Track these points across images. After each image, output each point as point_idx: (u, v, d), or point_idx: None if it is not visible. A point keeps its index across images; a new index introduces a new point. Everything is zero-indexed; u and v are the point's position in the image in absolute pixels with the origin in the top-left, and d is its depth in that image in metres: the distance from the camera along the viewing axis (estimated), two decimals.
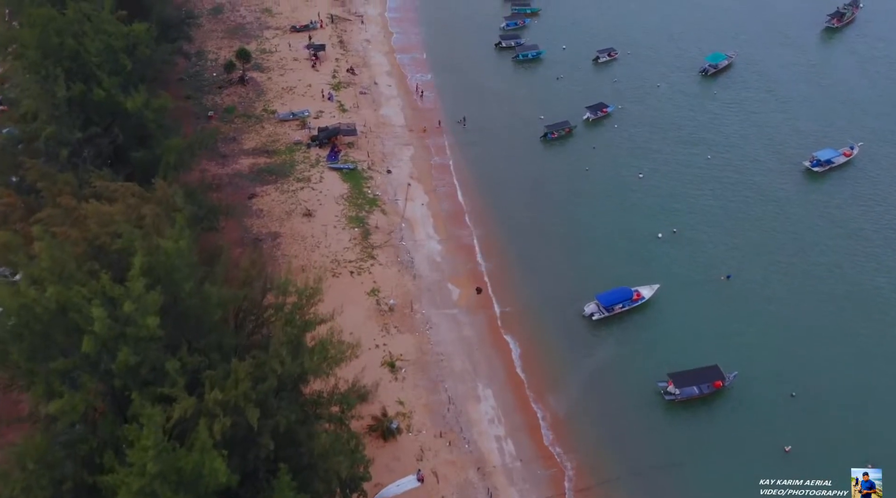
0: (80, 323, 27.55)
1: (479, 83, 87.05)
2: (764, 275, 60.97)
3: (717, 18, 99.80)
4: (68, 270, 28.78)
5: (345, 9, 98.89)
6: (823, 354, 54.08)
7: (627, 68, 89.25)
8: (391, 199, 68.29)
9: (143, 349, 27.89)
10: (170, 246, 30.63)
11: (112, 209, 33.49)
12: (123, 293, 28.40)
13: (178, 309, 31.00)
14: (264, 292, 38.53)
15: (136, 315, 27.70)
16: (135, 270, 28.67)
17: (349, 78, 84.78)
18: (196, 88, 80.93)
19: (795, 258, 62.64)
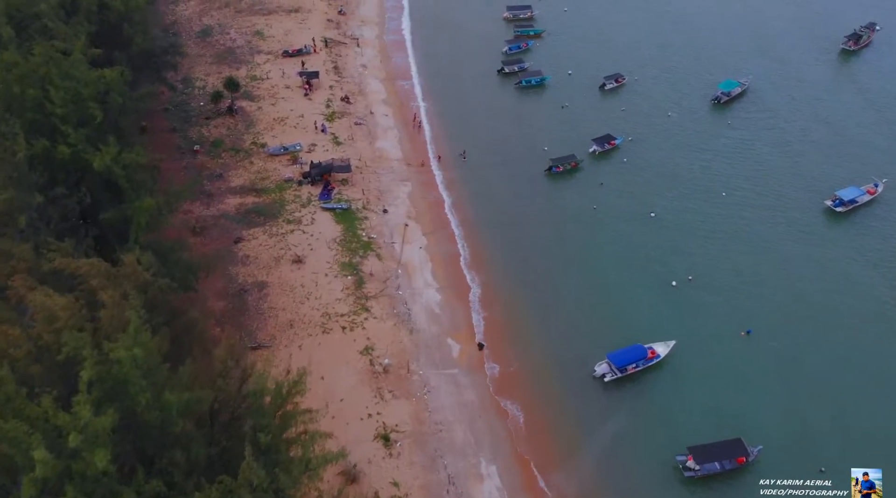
0: (19, 460, 23.48)
1: (481, 112, 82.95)
2: (787, 329, 56.62)
3: (728, 41, 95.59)
4: (4, 390, 24.64)
5: (340, 31, 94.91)
6: (855, 423, 49.84)
7: (636, 96, 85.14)
8: (387, 242, 64.13)
9: (93, 487, 23.79)
10: (124, 356, 26.56)
11: (59, 303, 29.35)
12: (69, 422, 24.29)
13: (135, 422, 26.94)
14: (243, 381, 34.37)
15: (84, 448, 23.63)
16: (82, 392, 24.56)
17: (344, 107, 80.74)
18: (182, 119, 76.86)
19: (821, 309, 58.31)
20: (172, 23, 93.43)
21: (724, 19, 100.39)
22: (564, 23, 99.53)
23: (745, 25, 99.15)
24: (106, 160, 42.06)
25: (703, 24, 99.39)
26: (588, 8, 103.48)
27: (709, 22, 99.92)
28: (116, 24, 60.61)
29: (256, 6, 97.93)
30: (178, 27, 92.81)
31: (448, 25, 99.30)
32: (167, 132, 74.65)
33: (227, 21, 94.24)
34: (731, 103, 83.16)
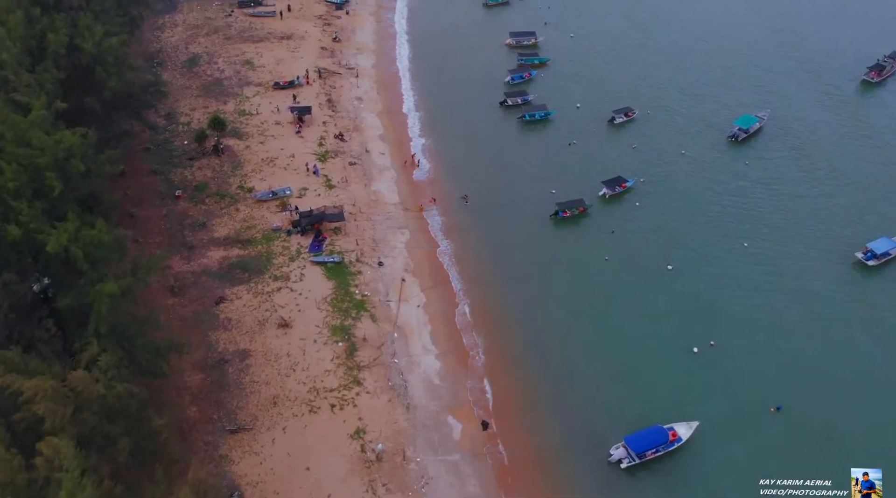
0: None
1: (483, 149, 77.98)
2: (819, 403, 51.56)
3: (745, 72, 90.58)
4: None
5: (334, 60, 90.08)
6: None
7: (647, 131, 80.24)
8: (382, 301, 59.09)
9: None
10: None
11: None
12: None
13: None
14: None
15: None
16: None
17: (337, 145, 75.77)
18: (164, 160, 71.82)
19: (857, 379, 53.27)
20: (157, 51, 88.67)
21: (740, 49, 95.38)
22: (570, 50, 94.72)
23: (762, 55, 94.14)
24: (62, 241, 37.10)
25: (717, 54, 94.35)
26: (595, 34, 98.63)
27: (724, 52, 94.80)
28: (88, 67, 55.72)
29: (246, 33, 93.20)
30: (163, 55, 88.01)
31: (448, 52, 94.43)
32: (147, 175, 69.70)
33: (215, 49, 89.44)
34: (748, 140, 78.23)
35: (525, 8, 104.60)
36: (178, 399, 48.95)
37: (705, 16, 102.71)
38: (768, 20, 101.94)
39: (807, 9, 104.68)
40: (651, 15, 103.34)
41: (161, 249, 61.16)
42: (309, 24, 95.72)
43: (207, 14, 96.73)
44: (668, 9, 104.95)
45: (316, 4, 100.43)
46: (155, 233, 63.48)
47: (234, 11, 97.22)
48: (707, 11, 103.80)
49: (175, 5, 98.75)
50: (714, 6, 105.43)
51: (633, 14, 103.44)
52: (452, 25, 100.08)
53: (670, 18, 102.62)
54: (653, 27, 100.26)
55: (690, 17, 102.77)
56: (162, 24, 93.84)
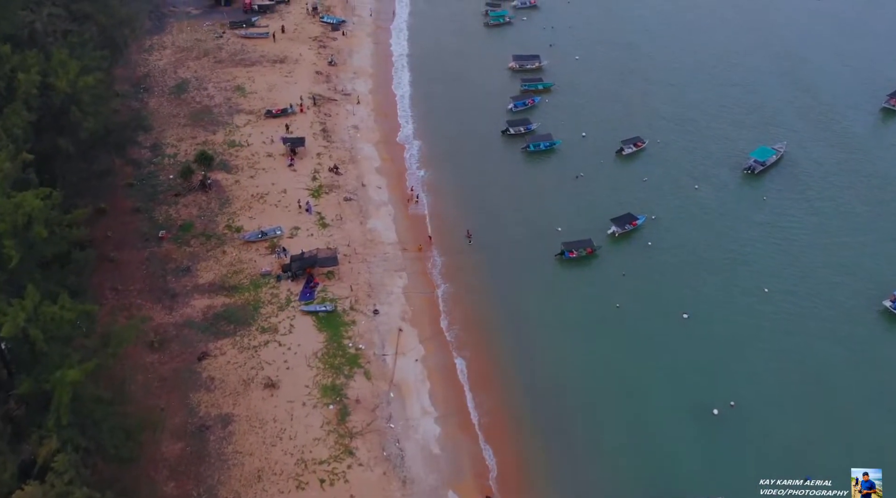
0: None
1: (485, 182, 73.90)
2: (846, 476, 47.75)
3: (759, 100, 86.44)
4: None
5: (330, 86, 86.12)
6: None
7: (658, 163, 76.22)
8: (377, 355, 55.01)
9: None
10: None
11: None
12: None
13: None
14: None
15: None
16: None
17: (332, 179, 71.80)
18: (148, 196, 67.76)
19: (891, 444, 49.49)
20: (144, 76, 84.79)
21: (754, 76, 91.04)
22: (576, 74, 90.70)
23: (778, 83, 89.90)
24: (18, 322, 33.12)
25: (731, 80, 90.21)
26: (602, 56, 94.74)
27: (737, 78, 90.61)
28: (62, 107, 51.87)
29: (238, 56, 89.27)
30: (150, 81, 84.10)
31: (448, 76, 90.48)
32: (130, 213, 65.64)
33: (204, 74, 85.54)
34: (765, 173, 74.25)
35: (528, 28, 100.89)
36: (154, 474, 44.85)
37: (718, 41, 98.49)
38: (782, 46, 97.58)
39: (821, 34, 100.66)
40: (660, 38, 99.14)
41: (142, 298, 57.70)
42: (303, 46, 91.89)
43: (198, 35, 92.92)
44: (678, 32, 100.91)
45: (311, 25, 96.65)
46: (136, 279, 59.52)
47: (225, 32, 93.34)
48: (719, 37, 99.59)
49: (164, 26, 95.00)
50: (726, 32, 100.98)
51: (642, 36, 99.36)
52: (453, 47, 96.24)
53: (681, 41, 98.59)
54: (662, 50, 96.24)
55: (702, 42, 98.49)
56: (150, 46, 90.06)
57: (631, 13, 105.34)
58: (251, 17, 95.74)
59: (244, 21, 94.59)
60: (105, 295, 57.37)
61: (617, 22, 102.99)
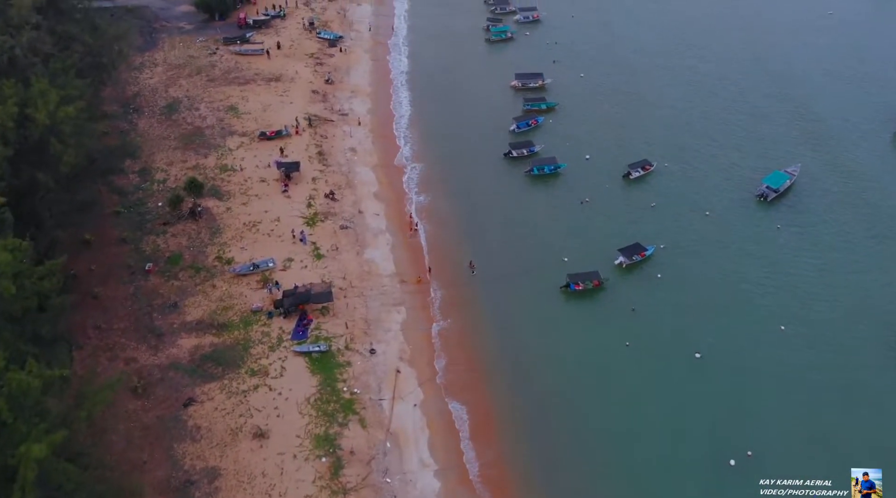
0: None
1: (487, 208, 70.95)
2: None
3: (767, 122, 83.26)
4: None
5: (327, 105, 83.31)
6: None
7: (666, 188, 73.30)
8: (373, 400, 52.02)
9: None
10: None
11: None
12: None
13: None
14: None
15: None
16: None
17: (328, 206, 68.91)
18: (135, 225, 64.83)
19: None
20: (134, 95, 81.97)
21: (762, 96, 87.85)
22: (581, 93, 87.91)
23: (791, 101, 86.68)
24: None
25: (739, 99, 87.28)
26: (608, 73, 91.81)
27: (745, 97, 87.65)
28: (41, 139, 49.09)
29: (232, 74, 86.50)
30: (140, 100, 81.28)
31: (449, 95, 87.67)
32: (115, 244, 62.71)
33: (197, 93, 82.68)
34: (778, 200, 71.27)
35: (531, 43, 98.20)
36: None
37: (723, 61, 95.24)
38: (789, 67, 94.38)
39: (830, 54, 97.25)
40: (666, 56, 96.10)
41: (126, 337, 54.75)
42: (299, 63, 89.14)
43: (190, 51, 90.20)
44: (684, 49, 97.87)
45: (307, 41, 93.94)
46: (120, 316, 56.55)
47: (218, 49, 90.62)
48: (725, 56, 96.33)
49: (156, 42, 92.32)
50: (732, 50, 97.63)
51: (648, 53, 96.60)
52: (454, 64, 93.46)
53: (687, 59, 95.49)
54: (668, 69, 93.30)
55: (708, 61, 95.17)
56: (141, 64, 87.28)
57: (635, 28, 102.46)
58: (246, 32, 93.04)
59: (238, 37, 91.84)
60: (87, 334, 54.52)
61: (621, 38, 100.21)
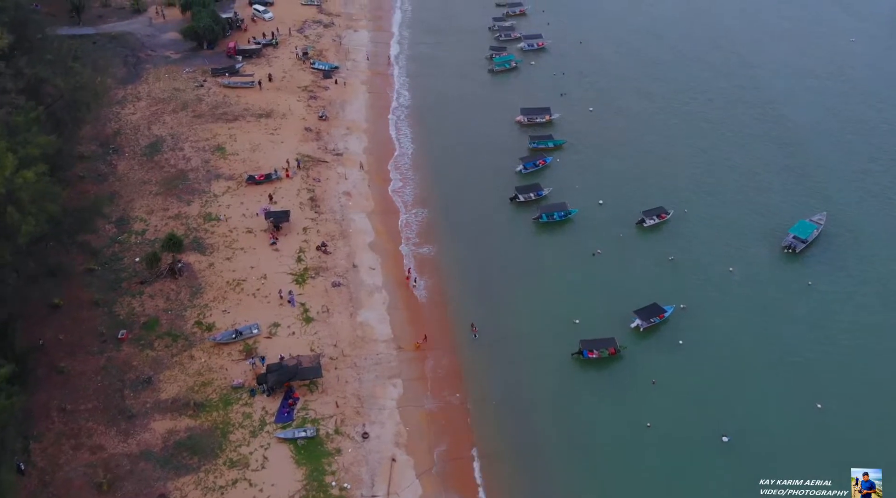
0: None
1: (492, 261, 65.57)
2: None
3: (793, 161, 77.79)
4: None
5: (320, 144, 77.97)
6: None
7: (685, 238, 67.88)
8: (366, 497, 46.87)
9: None
10: None
11: None
12: None
13: None
14: None
15: None
16: None
17: (319, 260, 63.65)
18: (109, 285, 59.57)
19: None
20: (115, 133, 76.88)
21: (787, 130, 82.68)
22: (590, 129, 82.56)
23: (815, 141, 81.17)
24: None
25: (761, 136, 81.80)
26: (619, 107, 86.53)
27: (768, 134, 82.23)
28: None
29: (220, 109, 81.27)
30: (121, 139, 76.16)
31: (450, 132, 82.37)
32: (87, 307, 57.46)
33: (181, 130, 77.46)
34: (806, 251, 66.05)
35: (536, 74, 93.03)
36: None
37: (742, 91, 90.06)
38: (812, 96, 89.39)
39: (852, 82, 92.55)
40: (680, 86, 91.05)
41: (94, 420, 49.40)
42: (292, 97, 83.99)
43: (176, 84, 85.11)
44: (698, 79, 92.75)
45: (301, 72, 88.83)
46: (88, 395, 51.09)
47: (206, 80, 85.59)
48: (743, 85, 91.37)
49: (140, 73, 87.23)
50: (749, 80, 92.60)
51: (661, 84, 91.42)
52: (456, 96, 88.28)
53: (702, 91, 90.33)
54: (683, 102, 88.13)
55: (726, 93, 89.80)
56: (123, 98, 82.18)
57: (647, 55, 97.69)
58: (235, 63, 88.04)
59: (227, 68, 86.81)
60: (51, 418, 49.17)
61: (632, 66, 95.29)
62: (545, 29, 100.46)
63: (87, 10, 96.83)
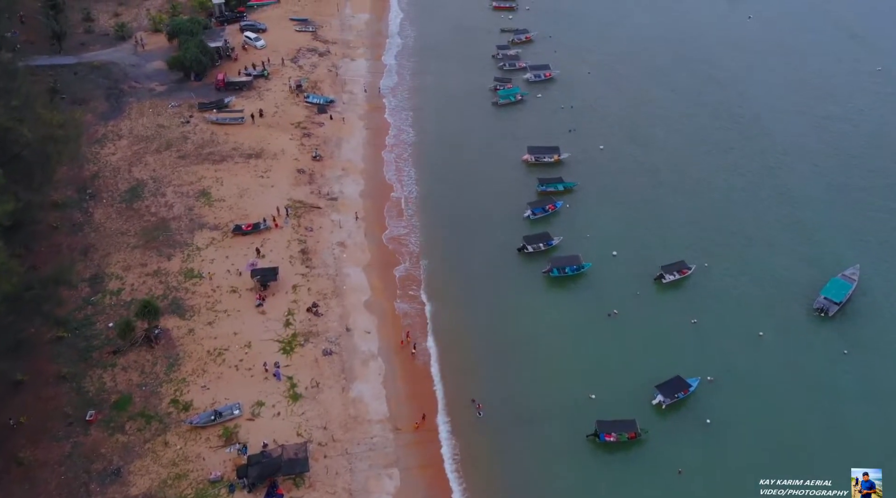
0: None
1: (499, 324, 60.00)
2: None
3: (819, 210, 71.84)
4: None
5: (313, 187, 72.39)
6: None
7: (708, 297, 62.11)
8: None
9: None
10: None
11: None
12: None
13: None
14: None
15: None
16: None
17: (309, 324, 58.24)
18: (79, 355, 54.19)
19: None
20: (93, 176, 71.54)
21: (813, 176, 76.64)
22: (602, 170, 76.89)
23: (844, 191, 74.58)
24: None
25: (784, 183, 75.70)
26: (634, 147, 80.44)
27: (791, 179, 76.14)
28: None
29: (206, 148, 75.85)
30: (99, 183, 70.85)
31: (453, 172, 76.60)
32: (53, 383, 52.03)
33: (164, 173, 72.02)
34: (840, 313, 60.63)
35: (543, 107, 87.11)
36: None
37: (764, 131, 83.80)
38: (847, 142, 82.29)
39: (880, 120, 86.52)
40: (700, 122, 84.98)
41: None
42: (284, 135, 78.55)
43: (160, 120, 79.70)
44: (720, 111, 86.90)
45: (294, 107, 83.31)
46: (49, 491, 45.65)
47: (193, 116, 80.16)
48: (765, 125, 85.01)
49: (122, 107, 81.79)
50: (771, 119, 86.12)
51: (678, 118, 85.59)
52: (458, 132, 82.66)
53: (723, 126, 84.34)
54: (701, 140, 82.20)
55: (746, 130, 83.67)
56: (103, 136, 76.86)
57: (664, 86, 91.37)
58: (224, 97, 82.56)
59: (215, 103, 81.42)
60: None
61: (647, 99, 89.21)
62: (552, 57, 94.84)
63: (68, 37, 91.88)
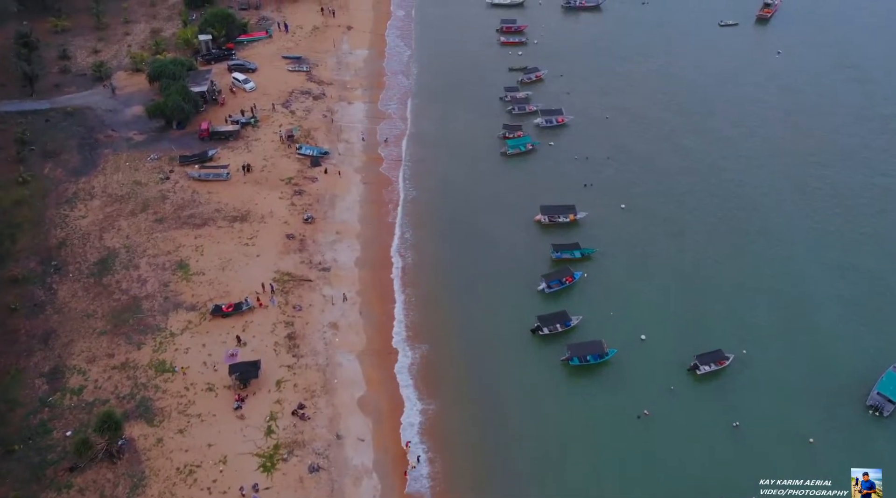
0: None
1: (512, 425, 52.36)
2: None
3: (871, 287, 63.81)
4: None
5: (304, 256, 65.00)
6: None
7: (748, 393, 54.43)
8: None
9: None
10: None
11: None
12: None
13: None
14: None
15: None
16: None
17: (295, 430, 50.72)
18: (32, 473, 46.76)
19: None
20: (59, 245, 64.35)
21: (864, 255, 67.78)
22: (624, 234, 69.17)
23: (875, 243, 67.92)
24: None
25: (837, 259, 67.43)
26: (656, 203, 72.87)
27: (838, 256, 67.66)
28: None
29: (186, 210, 68.62)
30: (65, 253, 63.61)
31: (459, 234, 69.19)
32: None
33: (139, 241, 64.73)
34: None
35: (556, 158, 79.24)
36: None
37: (809, 189, 75.21)
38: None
39: None
40: (735, 179, 76.56)
41: None
42: (273, 193, 71.15)
43: (138, 176, 72.58)
44: (751, 164, 79.08)
45: (285, 159, 75.89)
46: None
47: (173, 171, 73.17)
48: (812, 181, 76.52)
49: (96, 160, 74.80)
50: (819, 179, 77.15)
51: (704, 171, 77.69)
52: (463, 187, 75.27)
53: (756, 181, 76.45)
54: (738, 196, 74.31)
55: (786, 189, 75.16)
56: (74, 195, 69.89)
57: (686, 131, 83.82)
58: (208, 148, 75.50)
59: (198, 155, 74.32)
60: None
61: (670, 148, 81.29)
62: (564, 99, 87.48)
63: (42, 78, 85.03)
